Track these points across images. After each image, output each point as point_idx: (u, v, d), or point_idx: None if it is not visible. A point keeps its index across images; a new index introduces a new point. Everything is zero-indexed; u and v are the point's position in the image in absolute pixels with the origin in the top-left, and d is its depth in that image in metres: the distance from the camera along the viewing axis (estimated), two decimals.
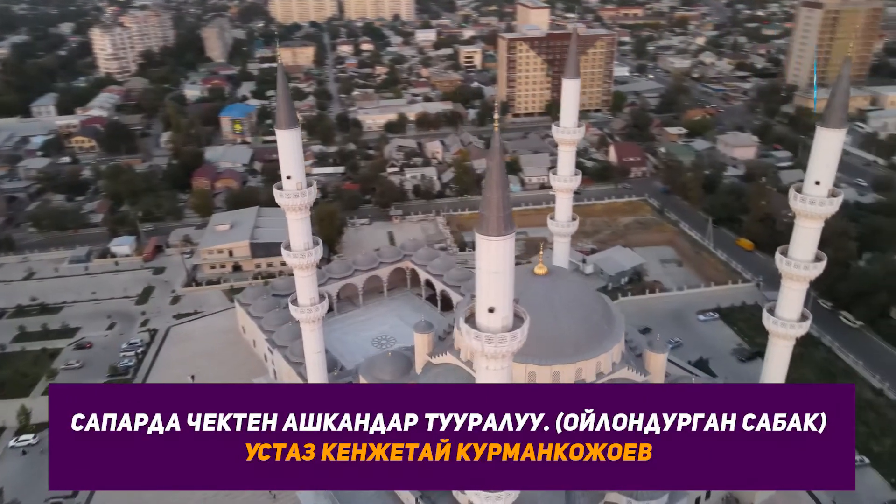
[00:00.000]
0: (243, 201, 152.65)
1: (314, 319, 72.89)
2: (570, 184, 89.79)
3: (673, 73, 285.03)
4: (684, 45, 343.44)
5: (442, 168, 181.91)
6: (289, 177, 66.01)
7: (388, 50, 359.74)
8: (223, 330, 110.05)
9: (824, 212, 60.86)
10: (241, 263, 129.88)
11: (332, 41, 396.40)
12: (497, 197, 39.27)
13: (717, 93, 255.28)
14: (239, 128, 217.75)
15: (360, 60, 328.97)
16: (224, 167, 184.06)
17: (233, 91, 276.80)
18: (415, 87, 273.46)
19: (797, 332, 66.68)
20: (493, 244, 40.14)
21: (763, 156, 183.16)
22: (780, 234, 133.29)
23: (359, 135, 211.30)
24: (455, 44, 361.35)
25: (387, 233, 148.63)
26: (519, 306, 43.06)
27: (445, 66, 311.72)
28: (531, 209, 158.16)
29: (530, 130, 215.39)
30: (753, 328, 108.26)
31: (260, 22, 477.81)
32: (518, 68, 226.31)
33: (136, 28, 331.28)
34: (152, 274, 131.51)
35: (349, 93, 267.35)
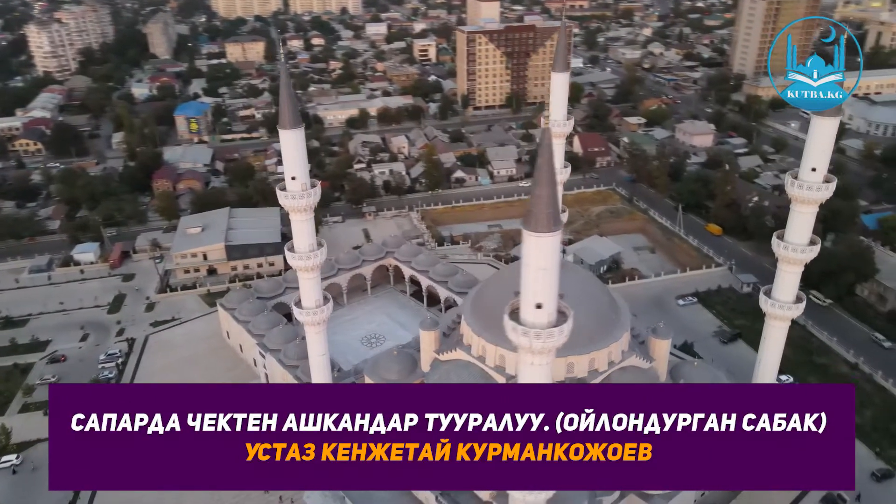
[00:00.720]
0: (210, 203, 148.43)
1: (320, 322, 71.87)
2: (560, 176, 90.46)
3: (624, 63, 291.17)
4: (632, 35, 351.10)
5: (410, 163, 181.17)
6: (294, 177, 64.66)
7: (339, 44, 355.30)
8: (205, 336, 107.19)
9: (820, 197, 63.60)
10: (217, 267, 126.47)
11: (281, 36, 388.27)
12: (547, 193, 39.45)
13: (669, 83, 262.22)
14: (195, 127, 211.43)
15: (312, 55, 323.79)
16: (185, 168, 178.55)
17: (183, 89, 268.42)
18: (372, 82, 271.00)
19: (793, 314, 69.55)
20: (543, 240, 40.29)
21: (720, 143, 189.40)
22: (746, 218, 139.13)
23: (321, 131, 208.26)
24: (407, 37, 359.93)
25: (362, 230, 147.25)
26: (562, 301, 43.45)
27: (400, 60, 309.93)
28: (503, 202, 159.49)
29: (493, 123, 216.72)
30: (731, 310, 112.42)
31: (202, 16, 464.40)
32: (478, 61, 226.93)
33: (74, 24, 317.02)
34: (122, 281, 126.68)
35: (305, 88, 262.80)
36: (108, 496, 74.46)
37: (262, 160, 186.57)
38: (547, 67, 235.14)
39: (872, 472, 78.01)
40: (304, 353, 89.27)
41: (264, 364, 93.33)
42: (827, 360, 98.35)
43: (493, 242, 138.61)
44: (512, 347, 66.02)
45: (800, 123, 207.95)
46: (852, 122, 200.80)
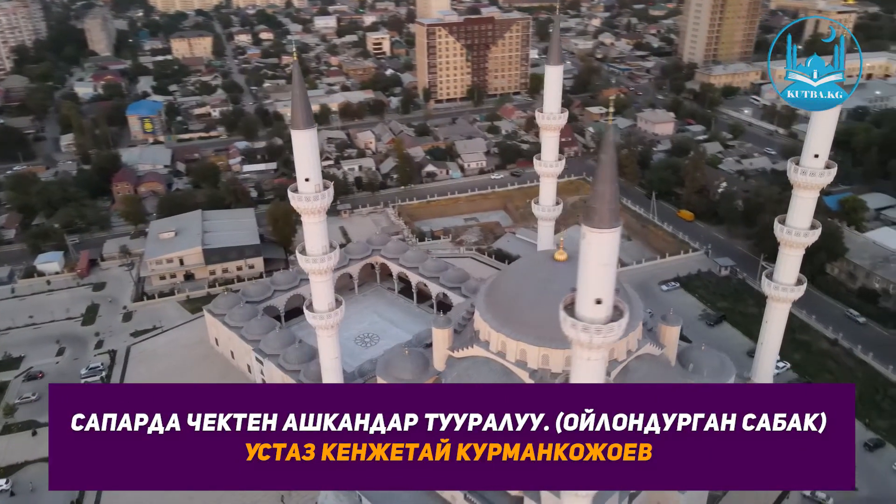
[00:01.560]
0: (178, 206, 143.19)
1: (332, 325, 70.40)
2: (555, 168, 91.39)
3: (578, 54, 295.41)
4: (581, 26, 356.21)
5: (379, 158, 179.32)
6: (307, 179, 63.02)
7: (288, 38, 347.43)
8: (191, 343, 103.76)
9: (822, 182, 65.84)
10: (194, 271, 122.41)
11: (226, 31, 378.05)
12: (609, 190, 39.71)
13: (623, 72, 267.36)
14: (150, 127, 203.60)
15: (262, 50, 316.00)
16: (144, 170, 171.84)
17: (130, 87, 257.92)
18: (328, 77, 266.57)
19: (794, 296, 72.15)
20: (604, 237, 40.54)
21: (680, 131, 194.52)
22: (717, 204, 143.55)
23: (283, 128, 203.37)
24: (358, 30, 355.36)
25: (338, 228, 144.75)
26: (617, 297, 43.86)
27: (354, 54, 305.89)
28: (477, 195, 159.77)
29: (457, 116, 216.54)
30: (713, 294, 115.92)
31: (138, 11, 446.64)
32: (438, 54, 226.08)
33: (6, 21, 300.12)
34: (92, 291, 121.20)
35: (260, 84, 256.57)
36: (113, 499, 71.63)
37: (226, 160, 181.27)
38: (506, 59, 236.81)
39: (865, 443, 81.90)
40: (305, 356, 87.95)
41: (261, 370, 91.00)
42: (808, 338, 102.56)
43: (473, 236, 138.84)
44: (533, 341, 66.87)
45: (752, 110, 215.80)
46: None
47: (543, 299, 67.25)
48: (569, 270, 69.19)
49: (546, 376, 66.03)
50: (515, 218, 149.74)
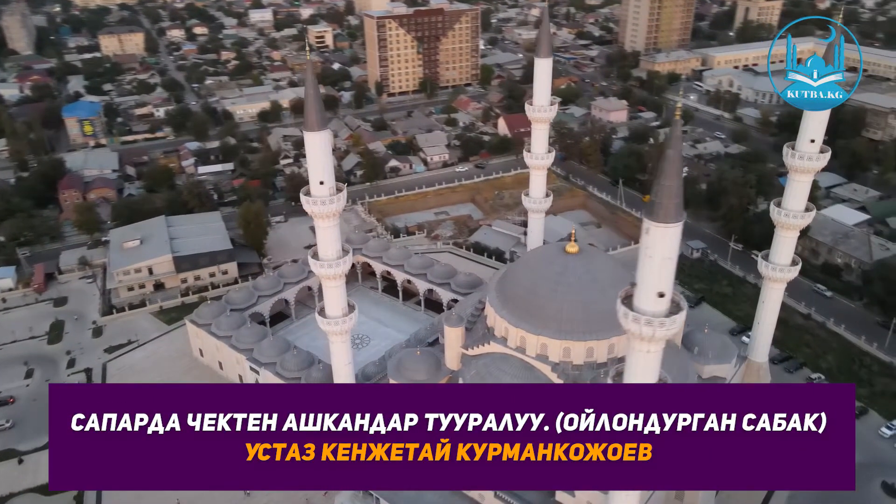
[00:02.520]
0: (136, 212, 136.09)
1: (345, 331, 68.91)
2: (545, 161, 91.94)
3: (523, 44, 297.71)
4: (522, 16, 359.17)
5: (339, 155, 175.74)
6: (322, 182, 61.02)
7: (225, 33, 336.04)
8: (172, 356, 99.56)
9: (818, 166, 68.60)
10: (164, 280, 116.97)
11: (155, 26, 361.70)
12: (676, 185, 40.05)
13: (569, 61, 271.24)
14: (90, 129, 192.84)
15: (199, 46, 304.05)
16: (91, 175, 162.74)
17: (60, 88, 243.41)
18: (272, 72, 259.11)
19: (790, 276, 74.96)
20: (670, 231, 40.91)
21: (633, 118, 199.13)
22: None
23: (234, 127, 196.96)
24: (296, 23, 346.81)
25: (309, 228, 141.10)
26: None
27: (296, 49, 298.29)
28: (445, 188, 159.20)
29: (412, 109, 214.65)
30: (688, 276, 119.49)
31: (55, 6, 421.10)
32: (389, 47, 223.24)
33: None
34: (54, 306, 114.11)
35: (201, 81, 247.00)
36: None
37: (177, 162, 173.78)
38: (456, 50, 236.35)
39: None
40: (303, 362, 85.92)
41: (256, 379, 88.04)
42: (783, 314, 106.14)
43: (447, 230, 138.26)
44: (554, 335, 67.17)
45: (697, 96, 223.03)
46: (742, 91, 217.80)
47: (560, 292, 67.82)
48: (581, 263, 70.36)
49: (568, 369, 66.53)
50: (485, 210, 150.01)
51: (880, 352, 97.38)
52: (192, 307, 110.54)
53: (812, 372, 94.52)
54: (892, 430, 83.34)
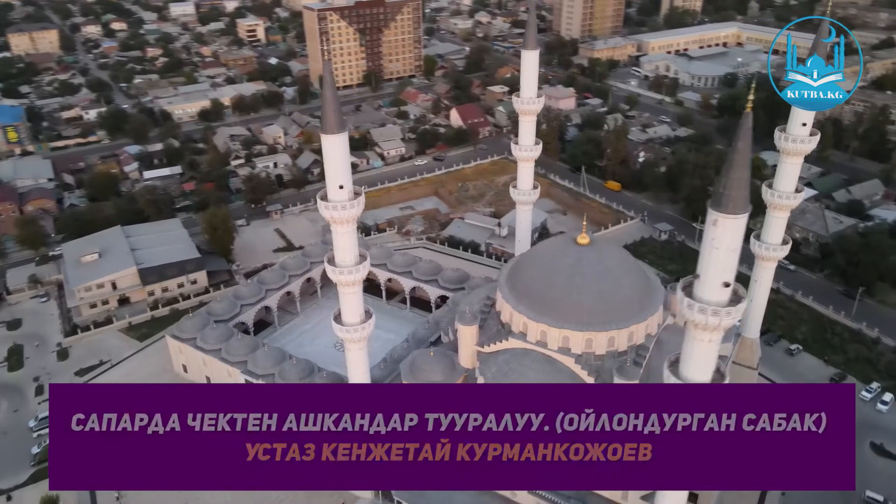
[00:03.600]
0: (85, 223, 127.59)
1: (363, 338, 66.97)
2: (533, 153, 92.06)
3: (459, 34, 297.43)
4: (454, 5, 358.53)
5: (293, 153, 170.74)
6: (341, 186, 58.79)
7: (146, 28, 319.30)
8: (152, 374, 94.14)
9: (808, 148, 71.61)
10: (130, 294, 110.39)
11: (66, 22, 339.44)
12: (744, 176, 40.64)
13: (508, 50, 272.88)
14: (14, 136, 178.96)
15: (120, 43, 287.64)
16: (25, 186, 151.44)
17: None
18: (205, 69, 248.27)
19: (781, 255, 78.32)
20: (738, 222, 41.57)
21: (580, 105, 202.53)
22: (640, 172, 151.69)
23: (175, 128, 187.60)
24: (222, 17, 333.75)
25: (274, 230, 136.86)
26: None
27: (226, 43, 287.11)
28: (408, 182, 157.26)
29: (359, 103, 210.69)
30: (661, 258, 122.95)
31: None
32: (332, 40, 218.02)
33: None
34: (7, 330, 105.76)
35: (130, 81, 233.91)
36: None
37: (118, 167, 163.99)
38: (399, 42, 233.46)
39: (831, 377, 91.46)
40: (304, 371, 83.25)
41: None
42: None
43: (418, 225, 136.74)
44: (575, 327, 67.53)
45: (637, 81, 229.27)
46: (679, 76, 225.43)
47: (577, 284, 68.17)
48: (594, 254, 70.87)
49: (590, 360, 67.05)
50: (451, 203, 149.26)
51: (847, 319, 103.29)
52: (164, 320, 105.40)
53: (790, 343, 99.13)
54: (871, 394, 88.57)
